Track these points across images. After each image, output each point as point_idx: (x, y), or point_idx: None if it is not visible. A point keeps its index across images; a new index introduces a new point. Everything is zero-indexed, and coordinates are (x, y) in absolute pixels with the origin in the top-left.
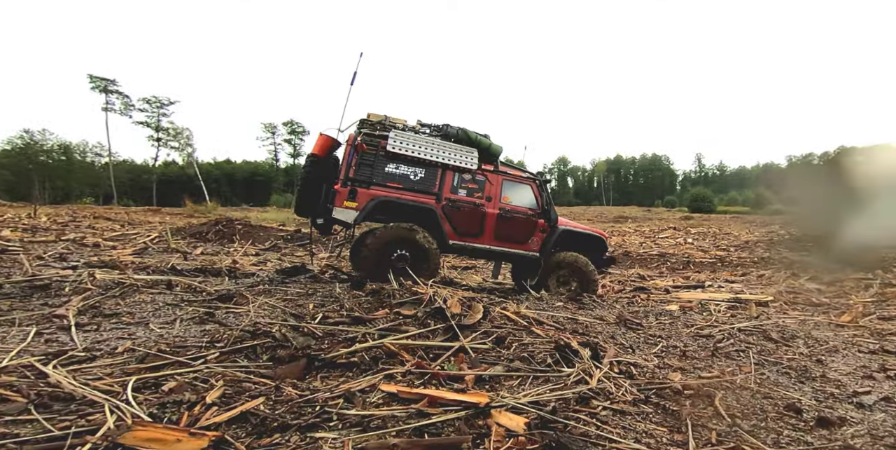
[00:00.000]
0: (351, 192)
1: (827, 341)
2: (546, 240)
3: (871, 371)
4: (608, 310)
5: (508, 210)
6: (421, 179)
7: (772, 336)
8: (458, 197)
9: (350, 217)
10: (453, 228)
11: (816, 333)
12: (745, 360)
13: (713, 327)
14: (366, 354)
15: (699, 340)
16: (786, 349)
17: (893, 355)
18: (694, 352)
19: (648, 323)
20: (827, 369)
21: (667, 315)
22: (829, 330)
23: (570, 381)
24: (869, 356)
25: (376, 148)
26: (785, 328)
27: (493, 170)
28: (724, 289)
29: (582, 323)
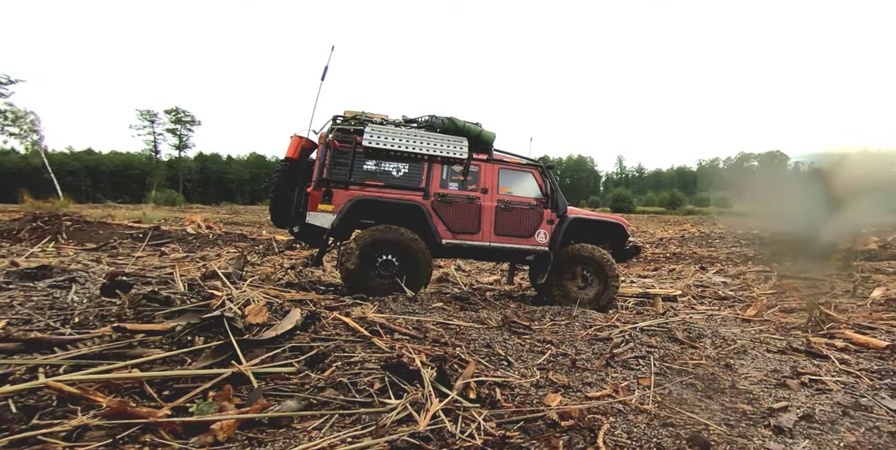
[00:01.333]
0: (326, 194)
1: (734, 339)
2: (555, 232)
3: (784, 377)
4: (497, 310)
5: (508, 202)
6: (405, 175)
7: (677, 336)
8: (449, 191)
9: (326, 221)
10: (446, 225)
11: (724, 329)
12: (646, 369)
13: (613, 328)
14: (12, 402)
15: (595, 344)
16: (692, 352)
17: (802, 354)
18: (587, 361)
19: (541, 325)
20: (736, 376)
21: (564, 315)
22: (735, 325)
23: (389, 420)
24: (778, 357)
25: (352, 145)
26: (691, 326)
27: (487, 159)
28: (635, 284)
29: (454, 329)
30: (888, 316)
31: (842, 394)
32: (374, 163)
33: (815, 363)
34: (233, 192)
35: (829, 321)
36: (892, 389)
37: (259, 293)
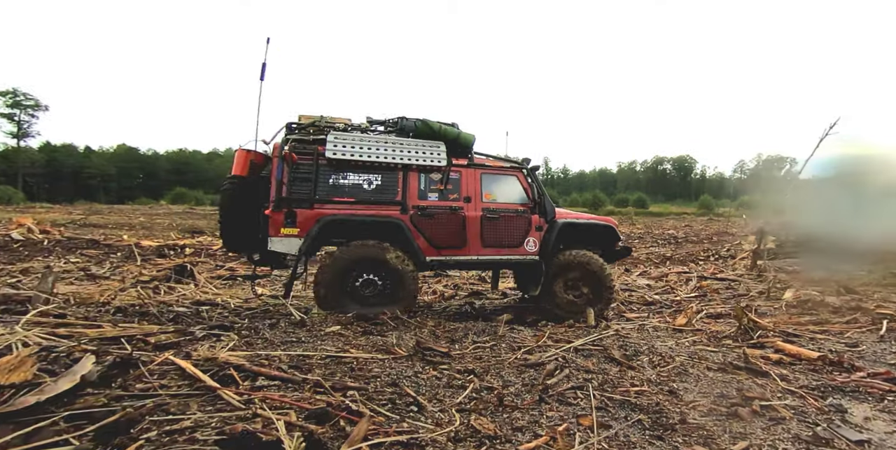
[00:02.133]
0: (288, 215)
1: (672, 355)
2: (545, 238)
3: (733, 404)
4: (411, 331)
5: (494, 209)
6: (378, 188)
7: (614, 355)
8: (429, 203)
9: (293, 247)
10: (428, 241)
11: (659, 343)
12: (585, 403)
13: (545, 350)
14: None
15: (526, 372)
16: (632, 375)
17: (743, 371)
18: (516, 396)
19: (462, 348)
20: (684, 405)
21: (489, 333)
22: (668, 336)
23: None
24: (720, 377)
25: (313, 156)
26: (626, 341)
27: (467, 164)
28: None
29: (349, 364)
30: (806, 320)
31: (796, 423)
32: (341, 176)
33: (758, 383)
34: (93, 189)
35: (756, 329)
36: (839, 411)
37: (34, 333)
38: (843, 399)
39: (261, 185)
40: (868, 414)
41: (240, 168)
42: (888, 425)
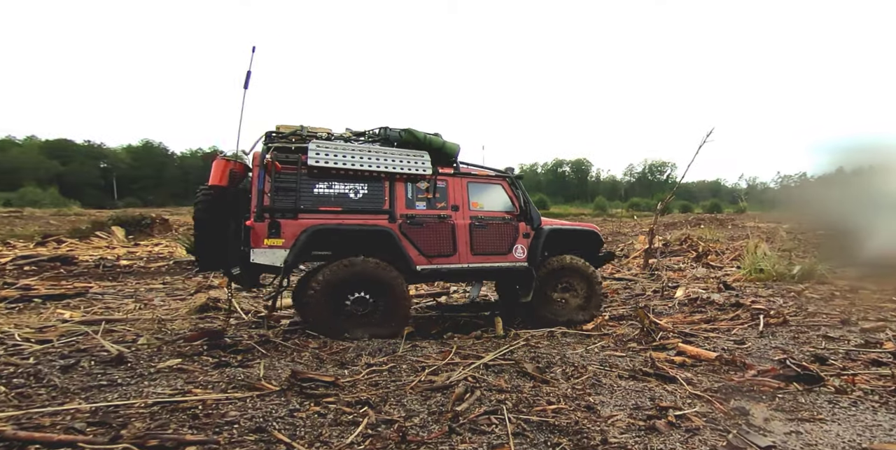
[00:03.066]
0: (272, 226)
1: (583, 364)
2: (532, 245)
3: (650, 416)
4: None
5: (482, 217)
6: (365, 197)
7: (526, 369)
8: (418, 211)
9: (278, 259)
10: (418, 250)
11: (570, 352)
12: (501, 429)
13: (452, 369)
14: None
15: (432, 398)
16: (547, 391)
17: (652, 378)
18: (422, 428)
19: (353, 374)
20: (603, 421)
21: (387, 353)
22: (578, 342)
23: None
24: (633, 386)
25: (296, 166)
26: (537, 352)
27: (454, 173)
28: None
29: (191, 410)
30: (698, 318)
31: (709, 432)
32: (327, 185)
33: (668, 390)
34: None
35: (658, 330)
36: (743, 413)
37: None
38: (743, 400)
39: (240, 197)
40: (766, 414)
41: (217, 178)
42: (785, 424)
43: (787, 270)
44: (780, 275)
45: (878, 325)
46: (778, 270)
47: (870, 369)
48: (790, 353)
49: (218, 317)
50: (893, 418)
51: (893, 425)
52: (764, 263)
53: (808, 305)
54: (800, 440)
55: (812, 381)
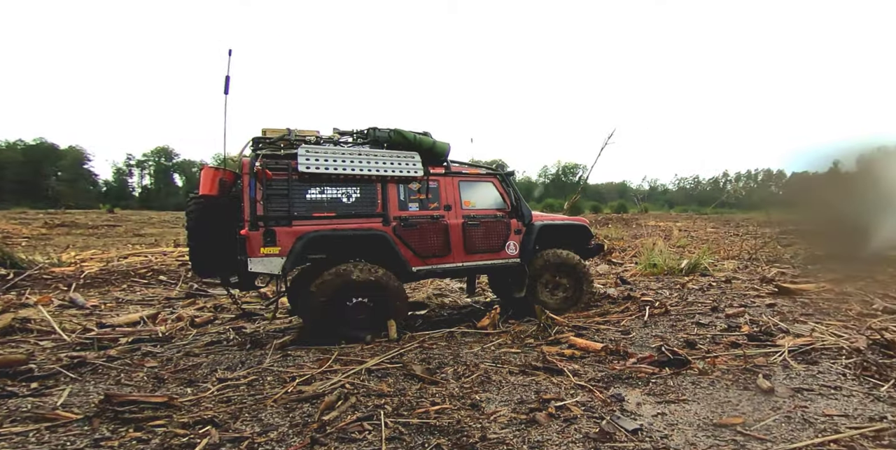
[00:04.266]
0: (266, 234)
1: (476, 362)
2: (524, 241)
3: (532, 409)
4: (110, 379)
5: (474, 216)
6: (357, 201)
7: (415, 371)
8: (411, 213)
9: (275, 267)
10: (413, 251)
11: (465, 351)
12: (375, 435)
13: (329, 377)
14: None
15: (297, 409)
16: (433, 392)
17: (541, 372)
18: (279, 442)
19: (199, 392)
20: (485, 418)
21: (250, 365)
22: (476, 342)
23: None
24: (521, 380)
25: (287, 172)
26: (430, 353)
27: (445, 172)
28: None
29: None
30: (593, 312)
31: (586, 420)
32: (319, 190)
33: (554, 382)
34: None
35: (554, 325)
36: (619, 400)
37: None
38: (621, 387)
39: (231, 204)
40: (639, 399)
41: (207, 187)
42: (654, 407)
43: (677, 264)
44: (670, 269)
45: (739, 310)
46: (669, 264)
47: (729, 351)
48: (667, 340)
49: (28, 340)
50: (741, 393)
51: (741, 399)
52: (657, 258)
53: (689, 295)
54: (664, 421)
55: (681, 365)
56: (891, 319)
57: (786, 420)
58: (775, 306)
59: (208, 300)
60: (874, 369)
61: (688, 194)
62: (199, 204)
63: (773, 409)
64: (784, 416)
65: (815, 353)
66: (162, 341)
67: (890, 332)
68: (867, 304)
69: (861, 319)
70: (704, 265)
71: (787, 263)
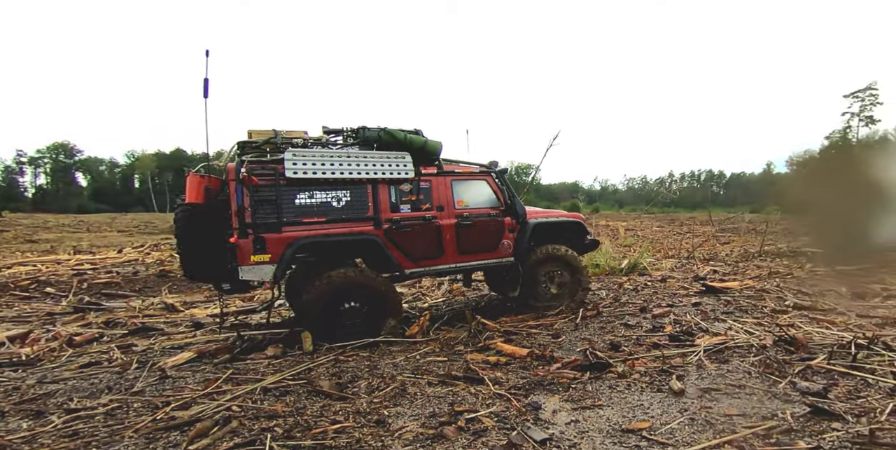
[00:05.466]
0: (256, 242)
1: (394, 374)
2: (519, 239)
3: (442, 422)
4: None
5: (467, 215)
6: (348, 205)
7: (321, 386)
8: (403, 215)
9: (266, 274)
10: (405, 254)
11: (386, 361)
12: None
13: (216, 398)
14: None
15: (162, 439)
16: (338, 409)
17: (461, 382)
18: None
19: (39, 425)
20: (388, 436)
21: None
22: (401, 351)
23: None
24: (438, 392)
25: (274, 177)
26: (345, 366)
27: (437, 172)
28: None
29: None
30: (527, 316)
31: (496, 432)
32: (308, 195)
33: (472, 392)
34: None
35: (485, 331)
36: (535, 408)
37: None
38: (540, 394)
39: (219, 210)
40: (556, 406)
41: (193, 195)
42: (569, 414)
43: (618, 264)
44: (612, 269)
45: (666, 310)
46: (611, 264)
47: (650, 352)
48: (593, 343)
49: None
50: (653, 396)
51: (652, 402)
52: (600, 258)
53: (623, 295)
54: (576, 429)
55: (603, 368)
56: (799, 315)
57: (690, 422)
58: (700, 305)
59: (100, 315)
60: (775, 367)
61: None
62: (185, 212)
63: (681, 411)
64: (689, 418)
65: (728, 351)
66: (25, 365)
67: (796, 328)
68: (781, 301)
69: (773, 315)
70: (644, 265)
71: (721, 261)
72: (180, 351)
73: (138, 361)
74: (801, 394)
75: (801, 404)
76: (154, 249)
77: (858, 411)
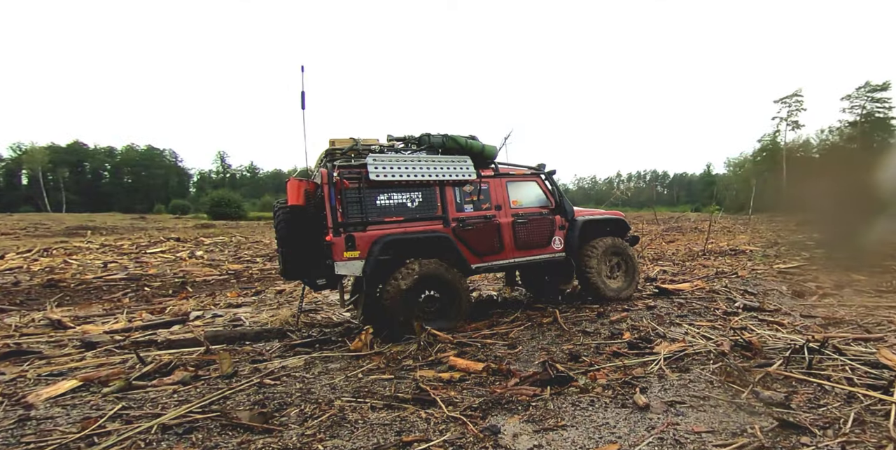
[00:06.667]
0: (348, 239)
1: (332, 398)
2: (568, 236)
3: None
4: None
5: (522, 214)
6: (420, 205)
7: (239, 418)
8: (467, 214)
9: (356, 269)
10: (471, 250)
11: (324, 382)
12: None
13: (88, 446)
14: None
15: None
16: (260, 445)
17: (411, 404)
18: None
19: None
20: None
21: None
22: (340, 370)
23: None
24: (384, 417)
25: (359, 180)
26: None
27: (493, 174)
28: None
29: None
30: (482, 324)
31: None
32: (386, 196)
33: (423, 416)
34: None
35: (437, 342)
36: (494, 432)
37: None
38: (499, 415)
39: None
40: (517, 429)
41: (296, 198)
42: (531, 437)
43: None
44: None
45: (623, 315)
46: None
47: (611, 362)
48: (552, 353)
49: None
50: (618, 412)
51: (618, 419)
52: None
53: (577, 299)
54: None
55: (564, 382)
56: (749, 316)
57: (659, 442)
58: (655, 309)
59: None
60: (736, 375)
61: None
62: (287, 214)
63: (648, 428)
64: (658, 437)
65: (688, 359)
66: None
67: (749, 331)
68: (731, 302)
69: (726, 318)
70: None
71: (669, 261)
72: (60, 379)
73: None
74: (765, 404)
75: (768, 417)
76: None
77: (823, 422)
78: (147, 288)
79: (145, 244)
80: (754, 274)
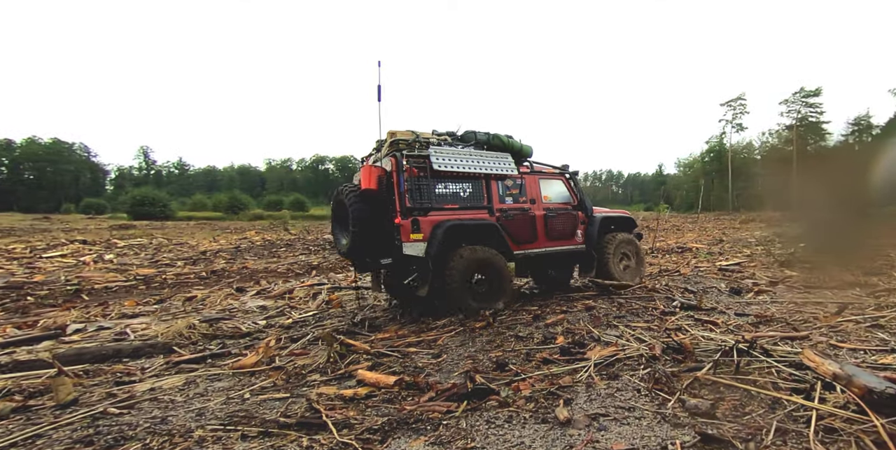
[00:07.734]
0: (413, 222)
1: (193, 427)
2: (589, 231)
3: None
4: None
5: (552, 209)
6: (471, 195)
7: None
8: (508, 206)
9: (420, 250)
10: (512, 238)
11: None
12: None
13: None
14: None
15: None
16: None
17: (295, 428)
18: None
19: None
20: None
21: None
22: (221, 390)
23: None
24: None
25: (425, 170)
26: (114, 421)
27: (529, 171)
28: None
29: None
30: (411, 330)
31: None
32: (443, 186)
33: (306, 444)
34: None
35: (351, 353)
36: None
37: None
38: (402, 438)
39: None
40: None
41: (370, 182)
42: None
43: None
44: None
45: (559, 318)
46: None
47: (540, 370)
48: (478, 361)
49: None
50: (537, 429)
51: (535, 439)
52: None
53: (518, 301)
54: None
55: (483, 395)
56: (686, 315)
57: None
58: (594, 310)
59: None
60: (664, 381)
61: None
62: (363, 197)
63: (566, 447)
64: None
65: (619, 364)
66: None
67: (683, 332)
68: (669, 301)
69: (663, 318)
70: None
71: None
72: None
73: None
74: (691, 415)
75: (690, 429)
76: None
77: (745, 433)
78: (29, 297)
79: (42, 248)
80: (696, 271)
